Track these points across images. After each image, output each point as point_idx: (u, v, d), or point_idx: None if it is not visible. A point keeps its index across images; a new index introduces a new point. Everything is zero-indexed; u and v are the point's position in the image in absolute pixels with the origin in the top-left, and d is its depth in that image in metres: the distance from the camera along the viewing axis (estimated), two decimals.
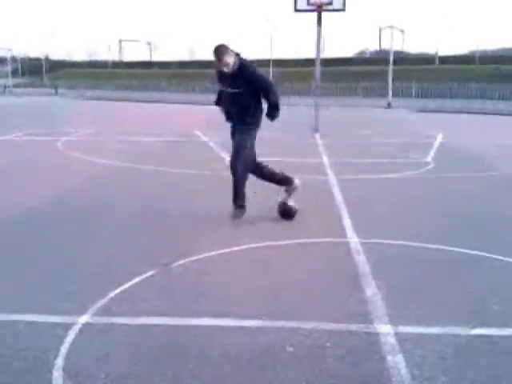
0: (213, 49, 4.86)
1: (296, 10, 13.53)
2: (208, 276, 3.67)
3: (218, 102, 5.30)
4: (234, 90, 4.92)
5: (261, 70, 5.19)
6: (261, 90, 4.97)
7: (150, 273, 3.67)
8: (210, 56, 5.20)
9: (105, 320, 2.97)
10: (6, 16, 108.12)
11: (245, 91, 4.88)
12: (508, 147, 11.56)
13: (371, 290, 3.42)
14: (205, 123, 14.93)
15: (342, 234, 4.70)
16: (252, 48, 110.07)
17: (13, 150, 10.44)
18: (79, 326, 2.89)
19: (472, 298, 3.33)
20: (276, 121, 5.14)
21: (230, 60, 4.80)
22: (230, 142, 5.22)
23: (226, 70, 4.86)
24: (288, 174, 5.31)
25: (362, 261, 3.97)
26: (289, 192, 5.21)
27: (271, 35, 57.20)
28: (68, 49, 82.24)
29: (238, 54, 4.93)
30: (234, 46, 4.92)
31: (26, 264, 3.93)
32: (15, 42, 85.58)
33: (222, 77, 5.00)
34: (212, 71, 5.70)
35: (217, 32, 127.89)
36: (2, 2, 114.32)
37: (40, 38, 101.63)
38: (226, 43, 4.95)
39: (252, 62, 5.41)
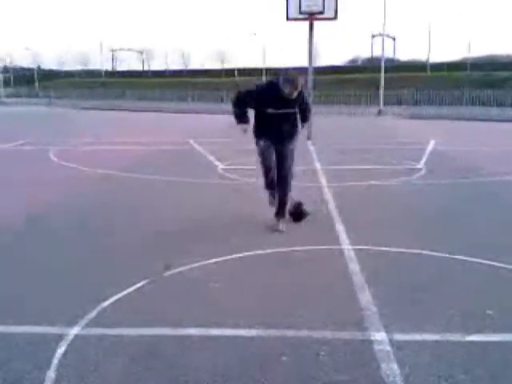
0: (291, 76, 4.71)
1: (288, 19, 13.63)
2: (200, 285, 3.65)
3: (241, 116, 5.01)
4: (290, 111, 4.97)
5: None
6: (305, 107, 5.17)
7: (142, 283, 3.64)
8: (202, 65, 5.20)
9: (96, 331, 2.94)
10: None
11: (296, 110, 5.06)
12: (498, 153, 11.64)
13: (365, 297, 3.41)
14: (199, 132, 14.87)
15: (336, 241, 4.69)
16: (245, 57, 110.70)
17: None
18: (71, 337, 2.86)
19: (467, 305, 3.32)
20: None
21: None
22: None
23: (292, 95, 4.74)
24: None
25: (355, 268, 3.96)
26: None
27: (264, 45, 57.38)
28: (60, 58, 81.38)
29: None
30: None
31: (14, 275, 3.89)
32: (7, 52, 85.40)
33: (276, 99, 4.81)
34: (205, 80, 5.71)
35: (210, 41, 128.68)
36: None
37: (32, 47, 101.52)
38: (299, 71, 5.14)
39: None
